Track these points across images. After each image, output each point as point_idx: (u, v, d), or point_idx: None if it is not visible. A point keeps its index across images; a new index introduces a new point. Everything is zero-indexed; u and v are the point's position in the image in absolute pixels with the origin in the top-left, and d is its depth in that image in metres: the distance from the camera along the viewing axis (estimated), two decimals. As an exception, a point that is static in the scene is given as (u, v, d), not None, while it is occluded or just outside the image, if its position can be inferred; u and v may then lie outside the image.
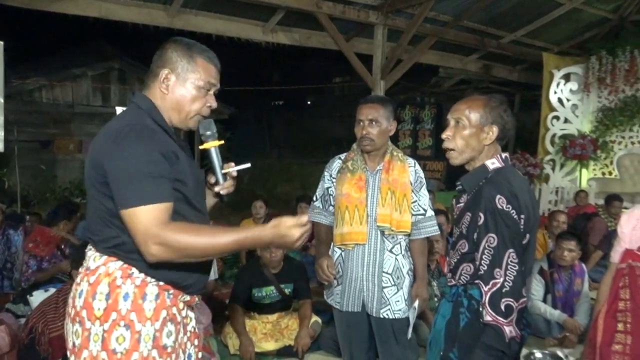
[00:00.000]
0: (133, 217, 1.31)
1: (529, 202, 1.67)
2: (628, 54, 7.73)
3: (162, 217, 1.32)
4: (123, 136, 1.34)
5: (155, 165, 1.34)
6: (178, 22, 5.84)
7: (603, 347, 1.72)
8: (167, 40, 1.52)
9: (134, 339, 1.37)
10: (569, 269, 3.98)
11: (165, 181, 1.35)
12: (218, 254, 1.40)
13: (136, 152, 1.32)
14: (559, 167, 8.48)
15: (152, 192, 1.31)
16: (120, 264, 1.41)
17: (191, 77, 1.48)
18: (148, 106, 1.47)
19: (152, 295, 1.41)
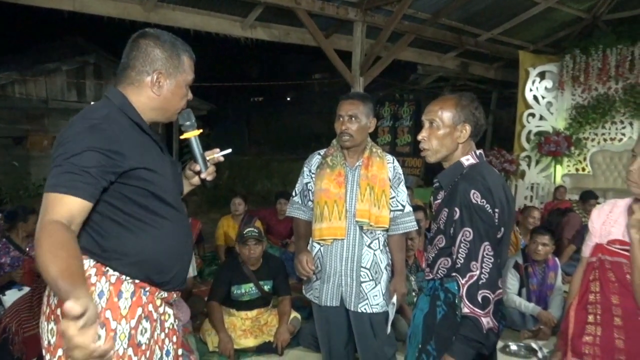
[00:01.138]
0: (44, 200, 1.28)
1: (503, 196, 1.71)
2: (601, 53, 7.92)
3: (62, 209, 1.24)
4: (78, 126, 1.33)
5: (90, 159, 1.28)
6: (155, 16, 5.77)
7: (574, 338, 1.76)
8: (142, 34, 1.47)
9: (109, 337, 1.36)
10: (543, 263, 4.06)
11: (89, 178, 1.28)
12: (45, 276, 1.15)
13: (79, 141, 1.30)
14: (534, 163, 8.65)
15: (68, 183, 1.27)
16: (94, 262, 1.39)
17: (180, 77, 1.48)
18: (121, 102, 1.44)
19: (128, 293, 1.40)
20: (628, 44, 7.67)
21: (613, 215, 1.78)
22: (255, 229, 3.67)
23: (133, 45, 1.46)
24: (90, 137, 1.31)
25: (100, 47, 10.90)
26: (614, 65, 7.82)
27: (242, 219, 5.41)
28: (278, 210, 5.71)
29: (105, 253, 1.37)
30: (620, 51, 7.75)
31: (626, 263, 1.65)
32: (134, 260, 1.40)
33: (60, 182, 1.27)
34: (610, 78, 7.94)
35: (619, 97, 7.90)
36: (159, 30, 1.50)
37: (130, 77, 1.45)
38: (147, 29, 1.50)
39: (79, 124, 1.34)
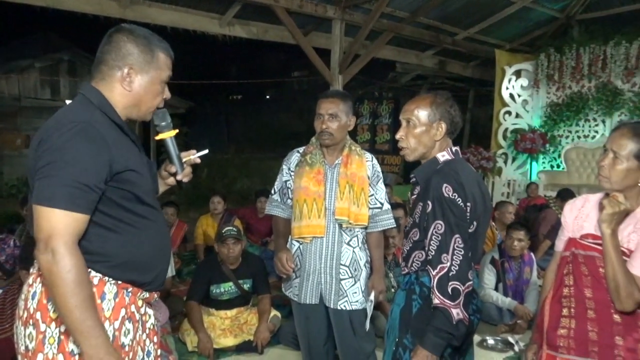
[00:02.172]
0: (42, 215, 1.24)
1: (477, 192, 1.73)
2: (574, 52, 8.08)
3: (71, 226, 1.25)
4: (66, 131, 1.28)
5: (88, 173, 1.27)
6: (130, 12, 5.68)
7: (549, 331, 1.79)
8: (118, 28, 1.44)
9: None
10: (519, 258, 4.14)
11: (89, 192, 1.28)
12: (65, 316, 1.24)
13: (74, 152, 1.26)
14: (510, 160, 8.79)
15: (71, 198, 1.25)
16: None
17: (154, 73, 1.45)
18: (99, 101, 1.40)
19: (111, 295, 1.38)
20: (600, 43, 7.84)
21: (585, 210, 1.81)
22: (234, 227, 3.65)
23: (107, 40, 1.43)
24: (82, 146, 1.27)
25: (74, 44, 10.69)
26: (587, 64, 7.98)
27: (222, 217, 5.38)
28: (258, 208, 5.68)
29: (88, 256, 1.34)
30: (593, 50, 7.92)
31: (599, 257, 1.69)
32: (119, 262, 1.38)
33: (60, 197, 1.24)
34: (584, 76, 8.11)
35: (592, 95, 8.07)
36: (135, 25, 1.47)
37: (102, 72, 1.42)
38: (124, 24, 1.47)
39: (66, 130, 1.28)
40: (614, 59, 7.74)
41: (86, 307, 1.23)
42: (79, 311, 1.22)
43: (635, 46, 7.51)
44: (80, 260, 1.26)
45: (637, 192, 1.69)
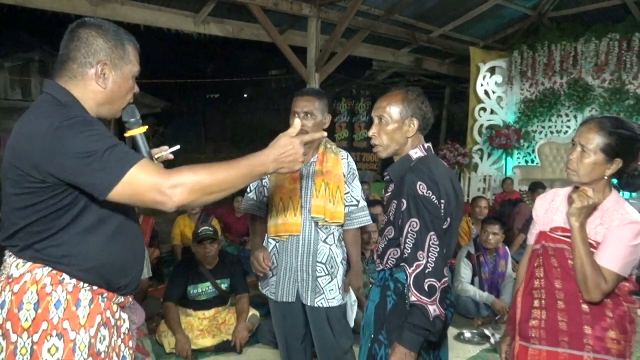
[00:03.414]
0: (131, 186, 1.22)
1: (450, 188, 1.75)
2: (546, 49, 8.24)
3: (154, 167, 1.26)
4: (65, 130, 1.22)
5: (114, 139, 1.26)
6: (102, 10, 5.58)
7: (522, 322, 1.82)
8: (82, 23, 1.38)
9: (68, 348, 1.30)
10: (494, 252, 4.20)
11: (123, 144, 1.29)
12: (233, 186, 1.32)
13: (90, 137, 1.22)
14: (486, 156, 8.92)
15: (131, 155, 1.24)
16: (49, 270, 1.31)
17: (126, 68, 1.41)
18: (68, 100, 1.34)
19: (86, 301, 1.34)
20: (571, 40, 8.01)
21: (555, 203, 1.85)
22: (210, 227, 3.63)
23: (72, 36, 1.36)
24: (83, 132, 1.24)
25: (45, 43, 10.44)
26: (559, 61, 8.15)
27: (199, 217, 5.33)
28: (235, 208, 5.66)
29: (61, 259, 1.31)
30: (564, 47, 8.09)
31: (567, 249, 1.73)
32: (93, 265, 1.35)
33: (118, 165, 1.21)
34: (556, 73, 8.28)
35: (563, 92, 8.24)
36: (99, 19, 1.42)
37: (71, 70, 1.36)
38: (86, 18, 1.41)
39: (69, 129, 1.23)
40: (584, 55, 7.91)
41: (229, 167, 1.31)
42: (234, 172, 1.31)
43: (604, 43, 7.69)
44: (178, 168, 1.27)
45: (603, 185, 1.74)
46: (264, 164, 1.34)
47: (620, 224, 1.65)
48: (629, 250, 1.64)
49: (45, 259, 1.32)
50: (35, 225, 1.31)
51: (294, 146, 1.37)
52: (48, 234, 1.31)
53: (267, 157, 1.35)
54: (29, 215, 1.30)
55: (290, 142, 1.37)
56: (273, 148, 1.36)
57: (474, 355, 3.55)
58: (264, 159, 1.34)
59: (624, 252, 1.64)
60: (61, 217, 1.30)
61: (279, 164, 1.37)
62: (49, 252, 1.32)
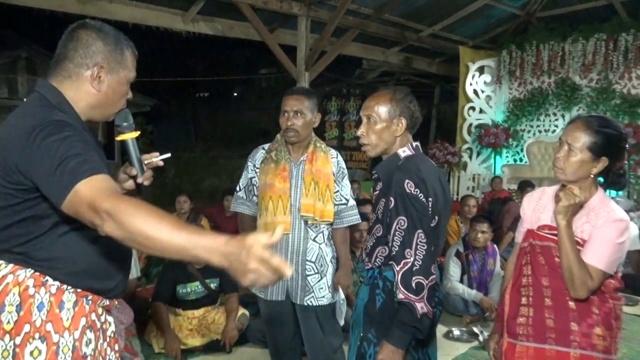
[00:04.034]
0: (74, 201, 1.13)
1: (437, 186, 1.76)
2: (535, 49, 8.31)
3: (101, 186, 1.14)
4: (38, 132, 1.20)
5: (77, 146, 1.20)
6: (91, 8, 5.53)
7: (509, 320, 1.84)
8: (83, 24, 1.37)
9: (52, 351, 1.28)
10: (482, 250, 4.23)
11: (94, 158, 1.21)
12: (162, 251, 1.08)
13: (54, 142, 1.19)
14: (475, 155, 8.98)
15: (81, 169, 1.16)
16: (32, 272, 1.29)
17: (122, 73, 1.40)
18: (59, 101, 1.33)
19: (70, 303, 1.32)
20: (559, 40, 8.08)
21: (542, 202, 1.87)
22: (198, 227, 3.61)
23: (72, 36, 1.35)
24: (58, 135, 1.20)
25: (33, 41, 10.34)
26: (547, 61, 8.22)
27: (188, 217, 5.29)
28: (225, 207, 5.63)
29: (44, 262, 1.29)
30: (552, 47, 8.16)
31: (554, 247, 1.74)
32: (77, 269, 1.33)
33: (72, 175, 1.14)
34: (544, 72, 8.35)
35: (551, 91, 8.32)
36: (100, 22, 1.41)
37: (67, 70, 1.35)
38: (88, 19, 1.40)
39: (38, 130, 1.20)
40: (571, 55, 7.99)
41: (169, 225, 1.07)
42: (167, 233, 1.06)
43: (591, 43, 7.77)
44: (130, 199, 1.15)
45: (590, 184, 1.75)
46: (209, 251, 1.04)
47: (606, 222, 1.67)
48: (615, 248, 1.66)
49: (28, 261, 1.30)
50: (16, 227, 1.29)
51: (250, 257, 1.00)
52: (29, 237, 1.29)
53: (219, 247, 1.04)
54: (9, 217, 1.28)
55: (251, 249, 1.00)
56: (232, 243, 1.03)
57: (462, 352, 3.57)
58: (214, 246, 1.04)
59: (610, 250, 1.66)
60: (42, 220, 1.28)
61: (227, 262, 1.03)
62: (31, 254, 1.29)
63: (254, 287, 1.07)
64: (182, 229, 1.07)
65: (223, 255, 1.03)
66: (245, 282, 1.02)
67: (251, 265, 0.99)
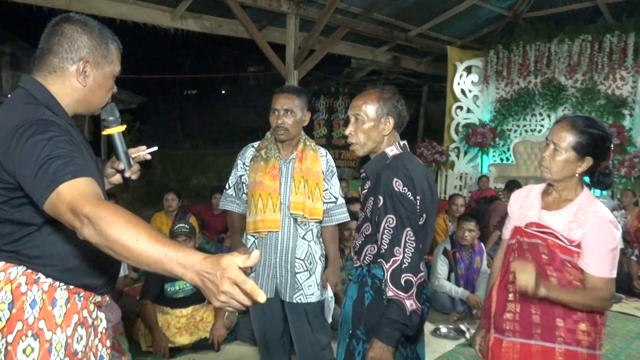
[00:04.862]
0: (55, 203, 1.11)
1: (425, 185, 1.78)
2: (521, 49, 8.38)
3: (84, 189, 1.12)
4: (23, 131, 1.19)
5: (63, 146, 1.19)
6: (76, 4, 5.47)
7: (496, 316, 1.86)
8: (67, 18, 1.35)
9: (44, 348, 1.27)
10: (469, 248, 4.27)
11: (78, 160, 1.19)
12: (136, 261, 1.07)
13: (40, 141, 1.18)
14: (463, 154, 9.05)
15: (64, 170, 1.15)
16: (24, 269, 1.28)
17: (108, 68, 1.39)
18: (45, 97, 1.31)
19: (62, 300, 1.32)
20: (545, 40, 8.16)
21: (529, 199, 1.89)
22: (186, 224, 3.60)
23: (56, 30, 1.33)
24: (43, 134, 1.18)
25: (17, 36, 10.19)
26: (533, 61, 8.30)
27: (176, 215, 5.28)
28: (213, 205, 5.62)
29: (35, 260, 1.28)
30: (538, 47, 8.24)
31: (542, 244, 1.77)
32: (69, 266, 1.32)
33: (53, 178, 1.12)
34: (530, 73, 8.43)
35: (538, 91, 8.40)
36: (84, 15, 1.40)
37: (51, 65, 1.33)
38: (71, 13, 1.39)
39: (22, 130, 1.18)
40: (557, 56, 8.08)
41: (147, 236, 1.05)
42: (143, 244, 1.04)
43: (577, 44, 7.87)
44: (111, 205, 1.12)
45: (575, 183, 1.78)
46: (184, 267, 1.02)
47: (596, 226, 1.69)
48: (614, 253, 1.70)
49: (20, 259, 1.29)
50: (3, 226, 1.28)
51: (224, 279, 0.98)
52: (19, 235, 1.28)
53: (194, 264, 1.01)
54: None
55: (225, 271, 0.98)
56: (208, 262, 1.01)
57: (450, 350, 3.61)
58: (189, 263, 1.02)
59: (610, 256, 1.69)
60: (31, 218, 1.27)
61: (200, 281, 1.01)
62: (22, 252, 1.29)
63: (226, 309, 1.03)
64: (159, 242, 1.05)
65: (197, 274, 1.01)
66: (216, 303, 1.00)
67: (224, 287, 0.97)
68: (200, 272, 1.00)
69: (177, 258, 1.03)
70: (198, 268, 1.00)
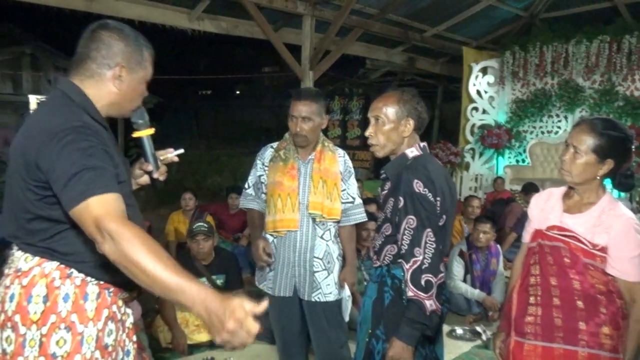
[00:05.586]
0: (82, 212, 1.19)
1: (445, 186, 1.80)
2: (538, 50, 8.30)
3: (112, 206, 1.21)
4: (63, 136, 1.25)
5: (98, 159, 1.26)
6: (96, 6, 5.54)
7: (517, 319, 1.86)
8: (104, 25, 1.43)
9: (76, 341, 1.33)
10: (486, 250, 4.26)
11: (110, 174, 1.27)
12: (151, 284, 1.14)
13: (77, 149, 1.24)
14: (478, 155, 8.99)
15: (96, 183, 1.22)
16: (57, 264, 1.34)
17: (142, 73, 1.46)
18: (81, 99, 1.38)
19: (94, 295, 1.37)
20: (563, 41, 8.08)
21: (550, 202, 1.89)
22: (204, 223, 3.64)
23: (94, 36, 1.40)
24: (82, 143, 1.25)
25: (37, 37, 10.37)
26: (550, 62, 8.22)
27: (193, 214, 5.33)
28: (229, 204, 5.66)
29: (68, 256, 1.33)
30: (555, 48, 8.15)
31: (563, 247, 1.77)
32: (102, 263, 1.36)
33: (86, 188, 1.20)
34: (547, 74, 8.35)
35: (554, 92, 8.32)
36: (120, 22, 1.47)
37: (89, 70, 1.40)
38: (108, 20, 1.46)
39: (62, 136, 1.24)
40: (575, 57, 7.99)
41: (165, 265, 1.14)
42: (161, 271, 1.13)
43: (595, 44, 7.77)
44: (137, 227, 1.20)
45: (596, 185, 1.78)
46: (193, 301, 1.10)
47: (623, 230, 1.69)
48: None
49: (53, 254, 1.34)
50: (37, 223, 1.33)
51: (230, 318, 1.06)
52: (52, 233, 1.33)
53: (204, 300, 1.09)
54: (30, 212, 1.32)
55: (233, 312, 1.07)
56: (217, 300, 1.09)
57: (465, 351, 3.60)
58: (199, 298, 1.10)
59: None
60: (62, 216, 1.31)
61: (207, 316, 1.09)
62: (55, 249, 1.34)
63: (226, 346, 1.12)
64: (175, 273, 1.13)
65: (206, 309, 1.09)
66: (218, 340, 1.08)
67: (229, 326, 1.05)
68: (209, 309, 1.09)
69: (190, 291, 1.11)
70: (207, 305, 1.09)
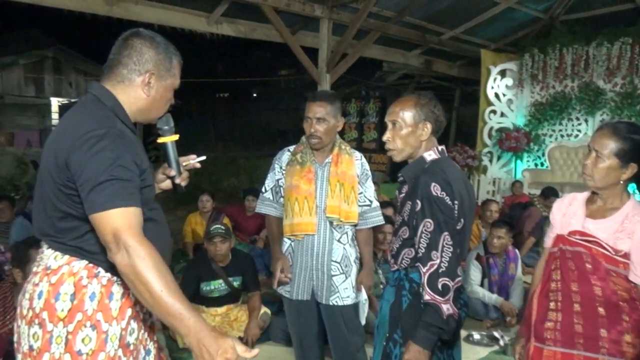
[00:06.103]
0: (102, 220, 1.25)
1: (463, 190, 1.78)
2: (557, 52, 8.19)
3: (133, 220, 1.27)
4: (96, 141, 1.29)
5: (126, 171, 1.30)
6: (117, 10, 5.63)
7: (537, 324, 1.84)
8: (136, 33, 1.48)
9: (101, 339, 1.36)
10: (504, 254, 4.21)
11: (135, 187, 1.32)
12: (152, 304, 1.22)
13: (108, 158, 1.29)
14: (495, 158, 8.90)
15: (121, 195, 1.27)
16: (86, 263, 1.37)
17: (170, 80, 1.50)
18: (113, 104, 1.42)
19: (118, 295, 1.40)
20: (583, 43, 7.96)
21: (572, 207, 1.86)
22: (221, 225, 3.66)
23: (126, 44, 1.45)
24: (112, 151, 1.29)
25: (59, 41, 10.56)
26: (570, 64, 8.10)
27: (210, 215, 5.37)
28: (246, 207, 5.69)
29: (97, 255, 1.36)
30: (575, 51, 8.04)
31: (585, 253, 1.74)
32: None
33: (110, 199, 1.26)
34: (567, 76, 8.23)
35: (574, 95, 8.20)
36: (151, 31, 1.51)
37: (120, 75, 1.44)
38: (140, 28, 1.51)
39: (94, 141, 1.29)
40: (595, 59, 7.86)
41: (171, 291, 1.22)
42: (166, 296, 1.20)
43: (616, 47, 7.65)
44: (152, 247, 1.26)
45: (620, 190, 1.75)
46: (188, 331, 1.20)
47: None
48: None
49: (82, 254, 1.38)
50: (66, 221, 1.36)
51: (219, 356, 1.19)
52: (81, 232, 1.36)
53: (198, 333, 1.19)
54: (59, 210, 1.36)
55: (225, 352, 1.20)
56: (213, 336, 1.20)
57: (482, 357, 3.56)
58: (194, 330, 1.20)
59: None
60: None
61: (197, 348, 1.20)
62: (84, 248, 1.37)
63: None
64: (178, 300, 1.22)
65: (198, 343, 1.19)
66: None
67: None
68: (201, 342, 1.19)
69: (188, 321, 1.20)
70: (201, 338, 1.19)
